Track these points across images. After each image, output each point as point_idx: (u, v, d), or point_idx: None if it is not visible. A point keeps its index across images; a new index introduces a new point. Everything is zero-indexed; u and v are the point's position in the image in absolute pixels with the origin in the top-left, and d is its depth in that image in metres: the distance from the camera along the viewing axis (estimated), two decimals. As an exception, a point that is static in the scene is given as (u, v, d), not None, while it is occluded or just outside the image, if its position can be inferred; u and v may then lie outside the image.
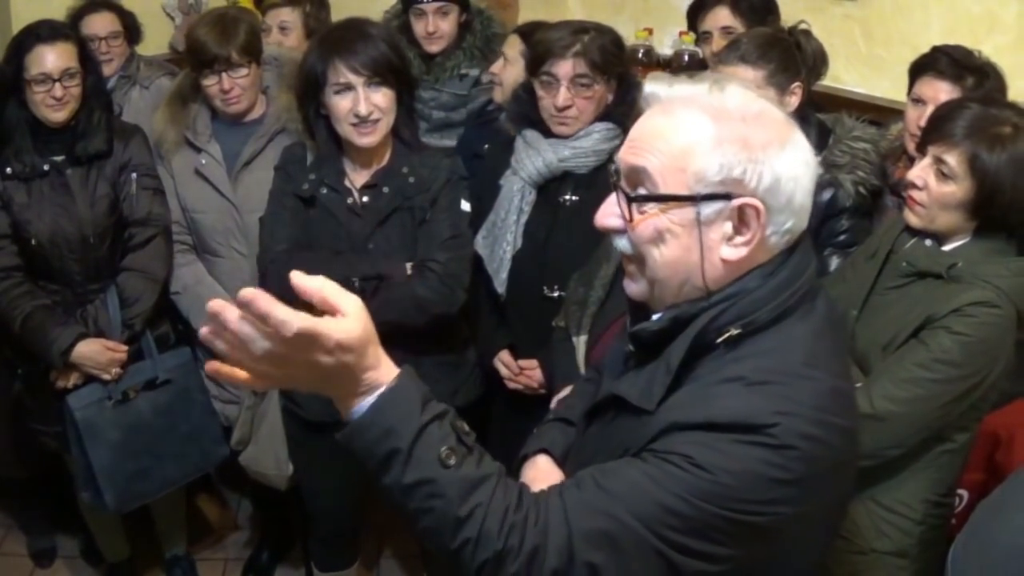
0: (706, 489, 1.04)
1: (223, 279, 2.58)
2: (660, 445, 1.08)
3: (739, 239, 1.12)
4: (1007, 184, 1.68)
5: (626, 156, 1.15)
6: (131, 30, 3.03)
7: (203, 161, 2.51)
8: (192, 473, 2.62)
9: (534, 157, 2.25)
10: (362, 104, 2.05)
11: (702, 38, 2.81)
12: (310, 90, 2.12)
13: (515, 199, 2.27)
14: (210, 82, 2.43)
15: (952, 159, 1.71)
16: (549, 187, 2.28)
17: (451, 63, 2.83)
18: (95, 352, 2.40)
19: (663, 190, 1.11)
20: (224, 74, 2.41)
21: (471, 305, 2.32)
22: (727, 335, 1.11)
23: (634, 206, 1.13)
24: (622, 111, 2.19)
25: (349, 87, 2.06)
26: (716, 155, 1.09)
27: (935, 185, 1.74)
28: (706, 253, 1.12)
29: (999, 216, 1.73)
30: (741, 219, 1.11)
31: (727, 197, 1.09)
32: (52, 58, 2.29)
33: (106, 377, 2.44)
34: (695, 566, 1.06)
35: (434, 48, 2.81)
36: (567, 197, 2.26)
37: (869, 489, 1.85)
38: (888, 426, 1.73)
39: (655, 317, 1.19)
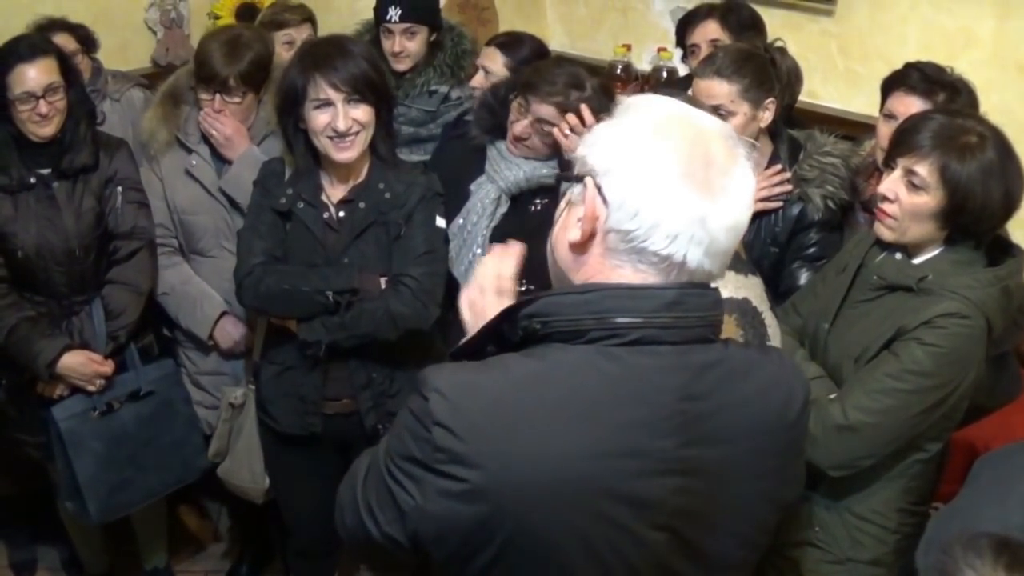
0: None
1: (212, 279, 2.58)
2: None
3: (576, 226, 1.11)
4: (977, 191, 1.70)
5: None
6: (85, 42, 2.90)
7: (194, 162, 2.52)
8: (174, 484, 2.62)
9: (514, 169, 2.27)
10: (340, 120, 2.06)
11: (689, 51, 2.81)
12: (289, 104, 2.13)
13: (489, 207, 2.30)
14: (206, 97, 2.46)
15: (923, 170, 1.73)
16: (521, 195, 2.31)
17: (421, 80, 2.84)
18: (80, 364, 2.40)
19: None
20: (219, 95, 2.43)
21: (446, 319, 2.33)
22: (531, 327, 1.10)
23: None
24: None
25: (328, 103, 2.07)
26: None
27: (906, 197, 1.75)
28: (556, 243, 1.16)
29: (970, 224, 1.74)
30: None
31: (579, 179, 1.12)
32: (34, 75, 2.28)
33: (91, 388, 2.44)
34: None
35: (401, 67, 2.83)
36: (536, 203, 2.29)
37: (844, 499, 1.87)
38: (860, 436, 1.75)
39: None
